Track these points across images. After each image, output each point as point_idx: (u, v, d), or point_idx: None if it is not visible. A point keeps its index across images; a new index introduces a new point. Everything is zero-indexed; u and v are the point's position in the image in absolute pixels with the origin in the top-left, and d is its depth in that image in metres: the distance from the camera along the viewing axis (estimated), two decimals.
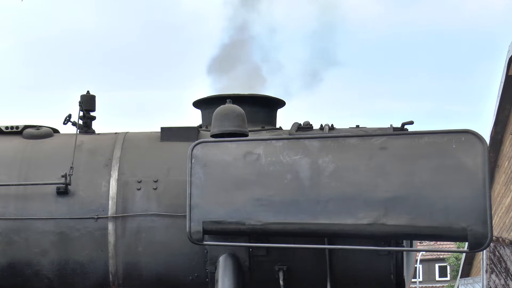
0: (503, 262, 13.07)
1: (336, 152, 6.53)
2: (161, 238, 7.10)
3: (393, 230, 6.35)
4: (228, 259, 6.95)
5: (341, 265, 6.94)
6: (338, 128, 7.40)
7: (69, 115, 7.64)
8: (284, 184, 6.51)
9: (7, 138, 7.68)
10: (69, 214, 7.19)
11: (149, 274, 7.14)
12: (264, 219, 6.49)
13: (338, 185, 6.43)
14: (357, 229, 6.37)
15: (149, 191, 7.19)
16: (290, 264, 6.99)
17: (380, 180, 6.39)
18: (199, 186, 6.57)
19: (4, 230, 7.21)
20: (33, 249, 7.18)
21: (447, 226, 6.27)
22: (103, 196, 7.20)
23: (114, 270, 7.15)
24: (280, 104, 8.00)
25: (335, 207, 6.40)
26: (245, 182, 6.55)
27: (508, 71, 14.93)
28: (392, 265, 6.93)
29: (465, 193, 6.27)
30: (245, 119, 7.23)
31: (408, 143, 6.48)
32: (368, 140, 6.55)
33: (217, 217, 6.53)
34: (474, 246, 6.28)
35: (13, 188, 7.27)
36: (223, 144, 6.73)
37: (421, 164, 6.38)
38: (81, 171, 7.29)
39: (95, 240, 7.14)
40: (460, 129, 6.43)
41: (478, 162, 6.30)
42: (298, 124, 7.46)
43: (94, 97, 7.78)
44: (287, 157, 6.57)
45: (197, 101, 7.94)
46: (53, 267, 7.19)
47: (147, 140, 7.53)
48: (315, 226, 6.43)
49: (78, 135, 7.52)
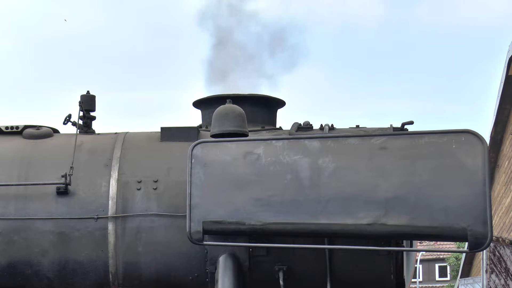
0: (503, 262, 13.06)
1: (336, 152, 6.52)
2: (161, 238, 7.10)
3: (393, 230, 6.34)
4: (228, 259, 6.95)
5: (341, 265, 6.94)
6: (338, 128, 7.39)
7: (69, 115, 7.64)
8: (284, 184, 6.51)
9: (7, 138, 7.68)
10: (69, 214, 7.19)
11: (149, 274, 7.14)
12: (264, 219, 6.48)
13: (338, 185, 6.43)
14: (357, 229, 6.37)
15: (149, 191, 7.19)
16: (290, 264, 6.99)
17: (380, 180, 6.39)
18: (199, 186, 6.57)
19: (4, 230, 7.21)
20: (33, 249, 7.18)
21: (447, 226, 6.27)
22: (103, 196, 7.20)
23: (114, 270, 7.15)
24: (280, 104, 7.99)
25: (335, 207, 6.40)
26: (245, 182, 6.55)
27: (508, 71, 14.91)
28: (392, 265, 6.93)
29: (465, 193, 6.26)
30: (245, 119, 7.23)
31: (408, 143, 6.47)
32: (368, 140, 6.54)
33: (217, 217, 6.53)
34: (474, 246, 6.28)
35: (13, 188, 7.27)
36: (223, 144, 6.73)
37: (421, 164, 6.37)
38: (81, 171, 7.29)
39: (95, 240, 7.14)
40: (460, 129, 6.42)
41: (478, 162, 6.30)
42: (298, 124, 7.46)
43: (94, 97, 7.78)
44: (287, 157, 6.57)
45: (197, 101, 7.94)
46: (53, 267, 7.19)
47: (147, 140, 7.53)
48: (315, 226, 6.42)
49: (78, 135, 7.52)
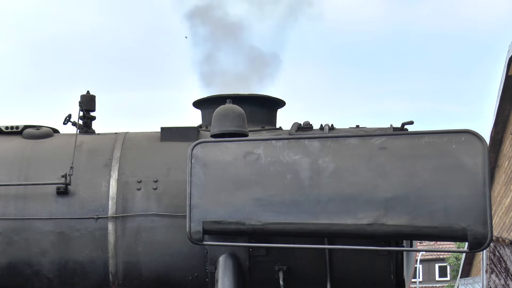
0: (503, 262, 13.06)
1: (336, 152, 6.52)
2: (161, 238, 7.10)
3: (393, 230, 6.34)
4: (228, 259, 6.95)
5: (341, 265, 6.94)
6: (338, 128, 7.39)
7: (69, 115, 7.64)
8: (284, 184, 6.50)
9: (7, 138, 7.68)
10: (69, 214, 7.19)
11: (149, 274, 7.14)
12: (264, 219, 6.48)
13: (338, 185, 6.43)
14: (357, 229, 6.37)
15: (149, 191, 7.19)
16: (290, 264, 6.99)
17: (380, 180, 6.39)
18: (199, 186, 6.57)
19: (4, 230, 7.21)
20: (33, 249, 7.18)
21: (447, 226, 6.27)
22: (103, 196, 7.20)
23: (114, 270, 7.15)
24: (280, 104, 7.99)
25: (335, 207, 6.40)
26: (245, 182, 6.55)
27: (508, 71, 14.90)
28: (392, 265, 6.93)
29: (465, 193, 6.26)
30: (245, 119, 7.22)
31: (408, 143, 6.47)
32: (368, 140, 6.54)
33: (217, 217, 6.53)
34: (474, 246, 6.28)
35: (13, 188, 7.27)
36: (223, 144, 6.73)
37: (421, 164, 6.37)
38: (81, 171, 7.29)
39: (95, 240, 7.14)
40: (460, 129, 6.42)
41: (478, 162, 6.30)
42: (298, 124, 7.46)
43: (94, 97, 7.78)
44: (287, 157, 6.57)
45: (197, 101, 7.94)
46: (53, 267, 7.19)
47: (147, 140, 7.53)
48: (315, 226, 6.42)
49: (78, 135, 7.52)
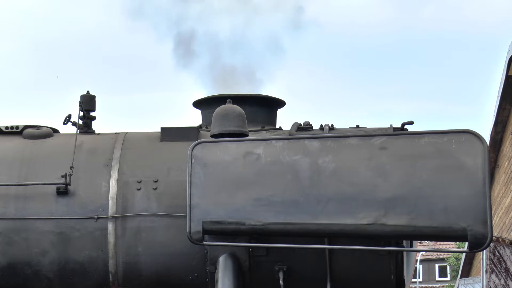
0: (503, 262, 13.06)
1: (336, 152, 6.52)
2: (161, 238, 7.10)
3: (393, 230, 6.34)
4: (228, 259, 6.95)
5: (341, 265, 6.94)
6: (338, 128, 7.39)
7: (69, 115, 7.64)
8: (284, 184, 6.50)
9: (7, 138, 7.68)
10: (69, 214, 7.19)
11: (149, 274, 7.14)
12: (264, 219, 6.48)
13: (338, 185, 6.43)
14: (357, 229, 6.37)
15: (149, 191, 7.19)
16: (290, 264, 6.99)
17: (380, 180, 6.39)
18: (199, 186, 6.56)
19: (4, 230, 7.21)
20: (33, 249, 7.18)
21: (447, 226, 6.27)
22: (103, 196, 7.20)
23: (114, 270, 7.15)
24: (280, 104, 7.99)
25: (335, 207, 6.40)
26: (245, 182, 6.55)
27: (508, 71, 14.89)
28: (392, 265, 6.92)
29: (465, 193, 6.26)
30: (245, 119, 7.22)
31: (408, 143, 6.47)
32: (368, 140, 6.54)
33: (217, 217, 6.53)
34: (474, 246, 6.28)
35: (13, 188, 7.27)
36: (223, 144, 6.73)
37: (421, 164, 6.37)
38: (81, 171, 7.29)
39: (95, 240, 7.14)
40: (460, 129, 6.42)
41: (478, 162, 6.30)
42: (298, 124, 7.45)
43: (94, 97, 7.78)
44: (287, 157, 6.56)
45: (197, 101, 7.94)
46: (53, 267, 7.18)
47: (147, 140, 7.53)
48: (315, 226, 6.42)
49: (78, 135, 7.52)
